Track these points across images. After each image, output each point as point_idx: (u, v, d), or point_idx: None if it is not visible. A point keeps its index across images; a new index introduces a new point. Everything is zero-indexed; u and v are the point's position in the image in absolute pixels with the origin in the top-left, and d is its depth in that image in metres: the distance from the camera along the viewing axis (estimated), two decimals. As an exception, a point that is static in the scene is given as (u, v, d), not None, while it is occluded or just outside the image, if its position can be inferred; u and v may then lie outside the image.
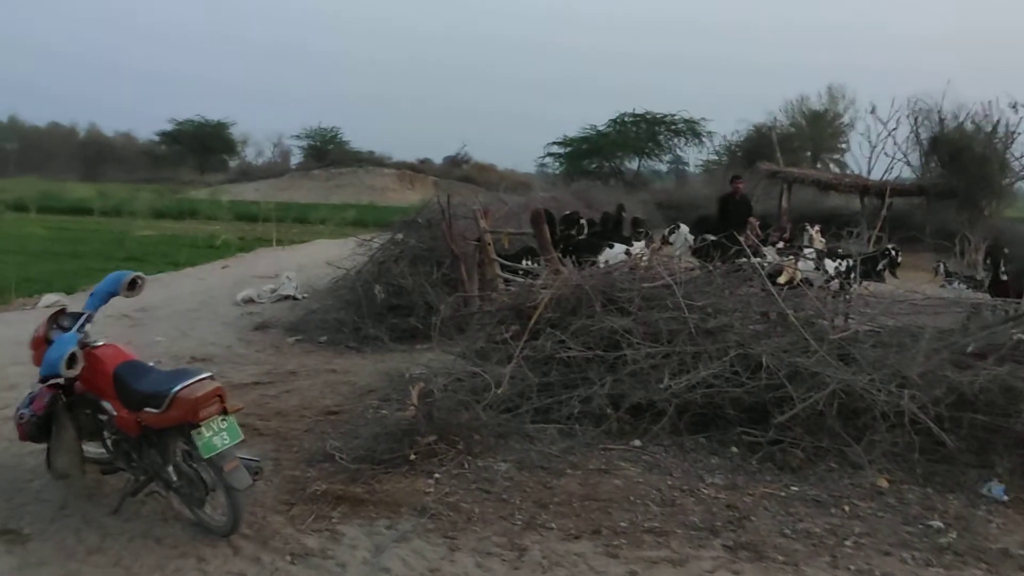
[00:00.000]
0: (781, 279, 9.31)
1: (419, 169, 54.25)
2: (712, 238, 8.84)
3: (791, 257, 9.07)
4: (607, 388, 5.86)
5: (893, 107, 27.11)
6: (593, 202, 22.19)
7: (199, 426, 3.92)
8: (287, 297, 10.62)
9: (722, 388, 5.69)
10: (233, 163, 59.93)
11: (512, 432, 5.69)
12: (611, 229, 10.86)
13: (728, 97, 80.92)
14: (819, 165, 38.72)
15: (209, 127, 57.76)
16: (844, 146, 41.41)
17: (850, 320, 6.25)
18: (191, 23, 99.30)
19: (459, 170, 51.12)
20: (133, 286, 4.64)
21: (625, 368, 5.93)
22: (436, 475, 5.02)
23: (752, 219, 11.09)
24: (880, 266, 9.49)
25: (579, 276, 6.47)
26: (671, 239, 10.42)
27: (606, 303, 6.30)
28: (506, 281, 8.62)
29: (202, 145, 57.40)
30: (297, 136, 57.63)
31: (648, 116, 44.74)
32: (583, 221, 10.29)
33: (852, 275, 8.52)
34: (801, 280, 7.67)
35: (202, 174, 55.07)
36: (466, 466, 5.18)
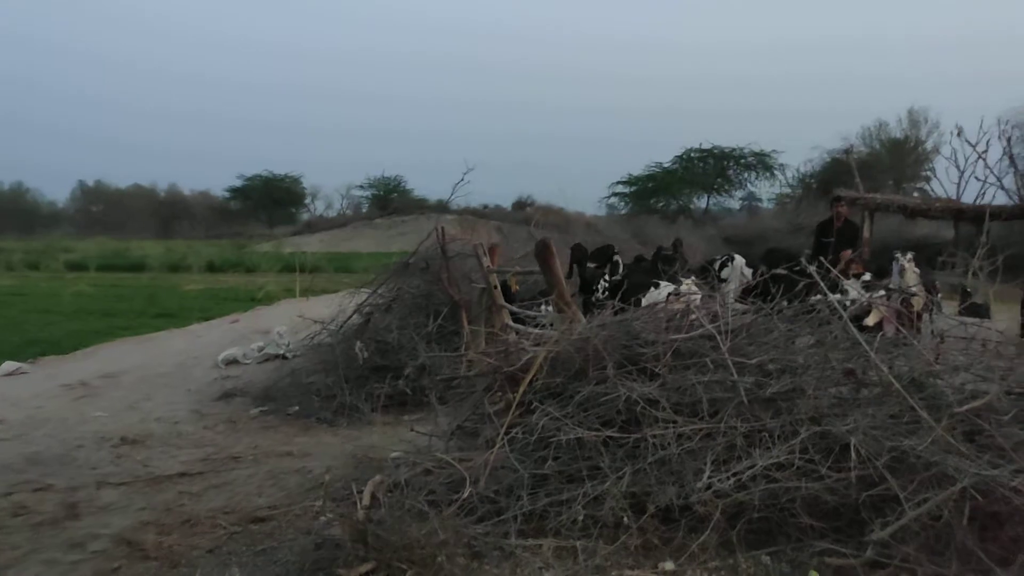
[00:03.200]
0: (869, 320, 7.45)
1: (481, 214, 53.32)
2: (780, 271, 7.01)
3: (881, 293, 7.19)
4: (625, 483, 4.14)
5: (982, 128, 24.46)
6: (649, 238, 20.42)
7: None
8: (277, 356, 9.15)
9: (790, 483, 3.93)
10: (305, 215, 60.29)
11: (490, 550, 4.02)
12: (655, 266, 9.07)
13: (799, 129, 77.92)
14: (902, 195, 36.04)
15: (276, 181, 58.16)
16: (929, 173, 38.54)
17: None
18: (271, 84, 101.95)
19: (522, 213, 49.75)
20: None
21: (652, 455, 4.20)
22: (360, 633, 3.37)
23: (845, 252, 9.19)
24: None
25: (587, 327, 4.78)
26: (723, 274, 8.60)
27: (623, 362, 4.59)
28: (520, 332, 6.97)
29: (270, 199, 57.78)
30: (361, 186, 57.53)
31: (715, 151, 42.77)
32: (617, 257, 8.55)
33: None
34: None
35: (271, 228, 55.29)
36: (411, 613, 3.52)
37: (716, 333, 4.45)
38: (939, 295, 10.37)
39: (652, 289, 7.75)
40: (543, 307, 7.38)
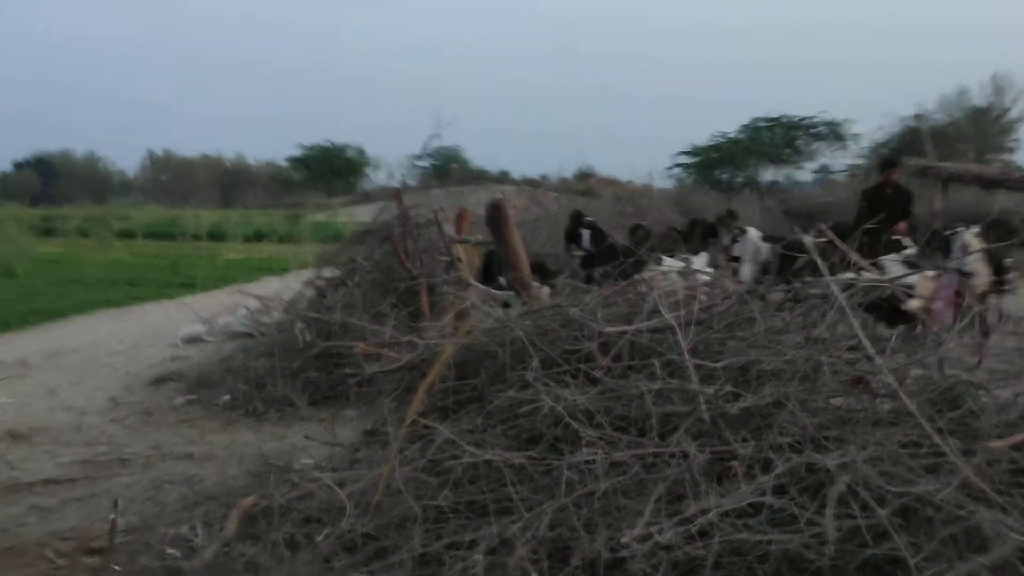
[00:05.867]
0: (914, 304, 6.22)
1: (538, 184, 52.08)
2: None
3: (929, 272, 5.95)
4: (545, 524, 3.10)
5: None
6: (690, 208, 18.99)
7: None
8: (245, 334, 8.25)
9: (762, 534, 2.86)
10: (367, 186, 60.00)
11: (358, 609, 3.05)
12: (666, 241, 7.86)
13: (875, 96, 74.02)
14: (983, 168, 33.57)
15: (335, 151, 57.89)
16: (1013, 144, 35.96)
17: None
18: (331, 63, 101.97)
19: (582, 184, 48.17)
20: None
21: (579, 487, 3.14)
22: None
23: (899, 225, 7.97)
24: None
25: (510, 316, 3.73)
26: (735, 251, 7.34)
27: (558, 361, 3.52)
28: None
29: (329, 169, 57.56)
30: (419, 156, 56.72)
31: (784, 120, 40.27)
32: (583, 231, 7.36)
33: None
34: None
35: (329, 197, 55.06)
36: None
37: (676, 325, 3.35)
38: (1013, 275, 8.91)
39: (655, 265, 6.58)
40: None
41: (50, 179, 58.71)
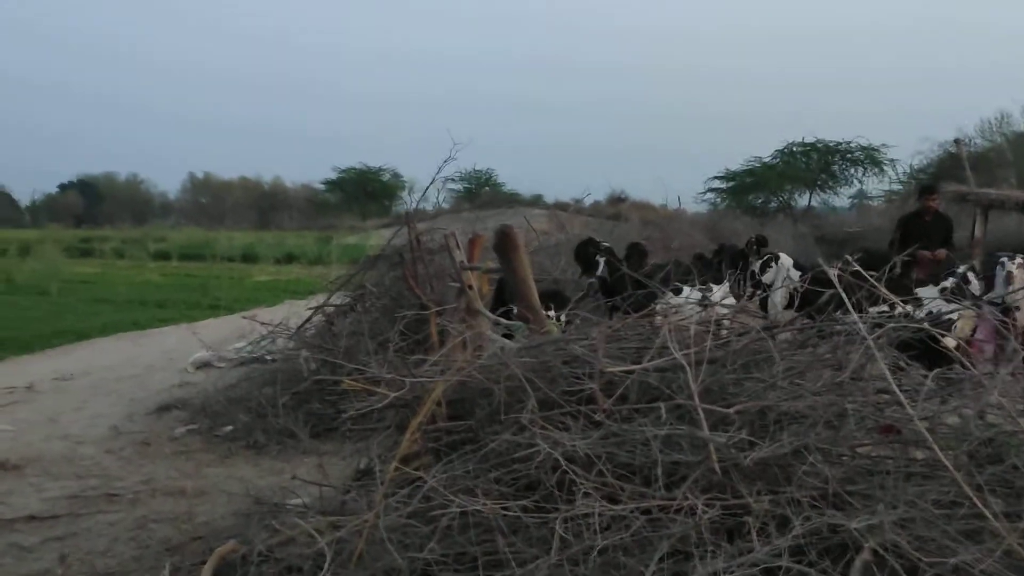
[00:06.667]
0: (949, 341, 5.82)
1: (569, 208, 51.78)
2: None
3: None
4: (539, 581, 2.82)
5: None
6: (721, 234, 18.57)
7: None
8: (255, 360, 8.05)
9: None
10: (401, 209, 60.38)
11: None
12: (691, 268, 7.50)
13: (912, 119, 73.08)
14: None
15: (370, 174, 58.37)
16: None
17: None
18: (368, 84, 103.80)
19: (613, 208, 47.69)
20: None
21: (575, 543, 2.86)
22: None
23: (939, 252, 7.74)
24: None
25: (507, 353, 3.48)
26: (765, 278, 6.98)
27: (554, 402, 3.25)
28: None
29: (364, 192, 58.00)
30: (451, 179, 56.90)
31: (819, 145, 39.64)
32: (600, 258, 7.03)
33: None
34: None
35: (363, 220, 55.38)
36: None
37: (686, 364, 3.05)
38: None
39: (670, 295, 6.28)
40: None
41: (93, 201, 60.09)
